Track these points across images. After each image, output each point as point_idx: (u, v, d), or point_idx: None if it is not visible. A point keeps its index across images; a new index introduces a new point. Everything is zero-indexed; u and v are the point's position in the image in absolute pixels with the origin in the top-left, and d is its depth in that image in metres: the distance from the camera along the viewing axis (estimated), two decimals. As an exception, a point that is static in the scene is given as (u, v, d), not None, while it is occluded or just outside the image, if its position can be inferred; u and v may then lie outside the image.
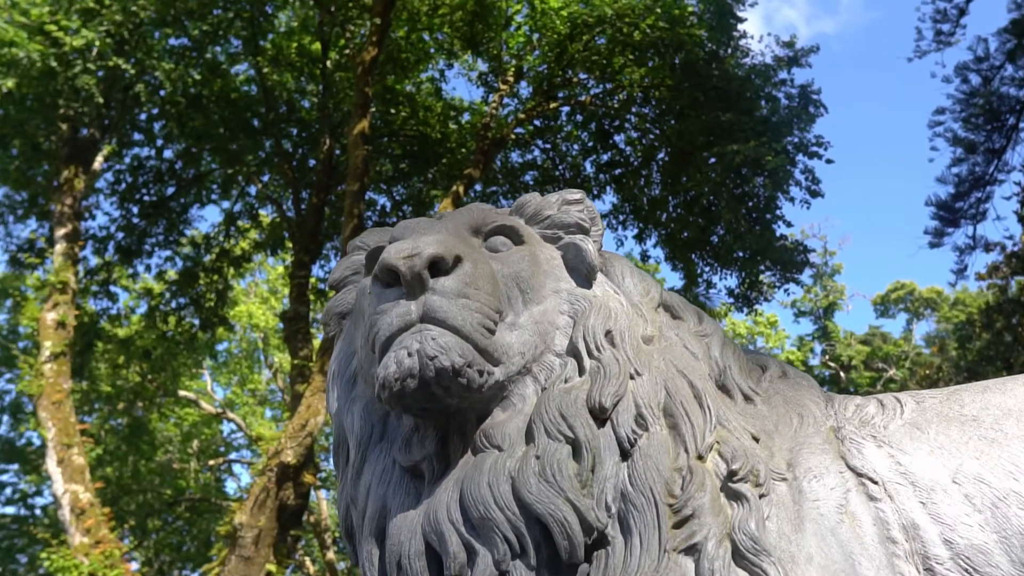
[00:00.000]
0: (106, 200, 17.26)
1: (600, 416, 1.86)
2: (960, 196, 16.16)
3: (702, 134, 14.57)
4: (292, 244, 16.65)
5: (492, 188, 17.57)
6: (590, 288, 2.10)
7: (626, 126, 16.73)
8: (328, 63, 16.10)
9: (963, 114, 16.06)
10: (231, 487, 27.73)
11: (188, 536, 25.06)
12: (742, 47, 15.01)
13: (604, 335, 1.97)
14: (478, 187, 16.77)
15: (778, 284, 15.41)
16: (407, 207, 17.75)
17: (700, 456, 1.86)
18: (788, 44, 15.14)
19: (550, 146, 17.55)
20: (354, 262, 2.29)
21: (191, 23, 14.32)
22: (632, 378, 1.92)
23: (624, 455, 1.83)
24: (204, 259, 17.89)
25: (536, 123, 17.10)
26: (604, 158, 17.03)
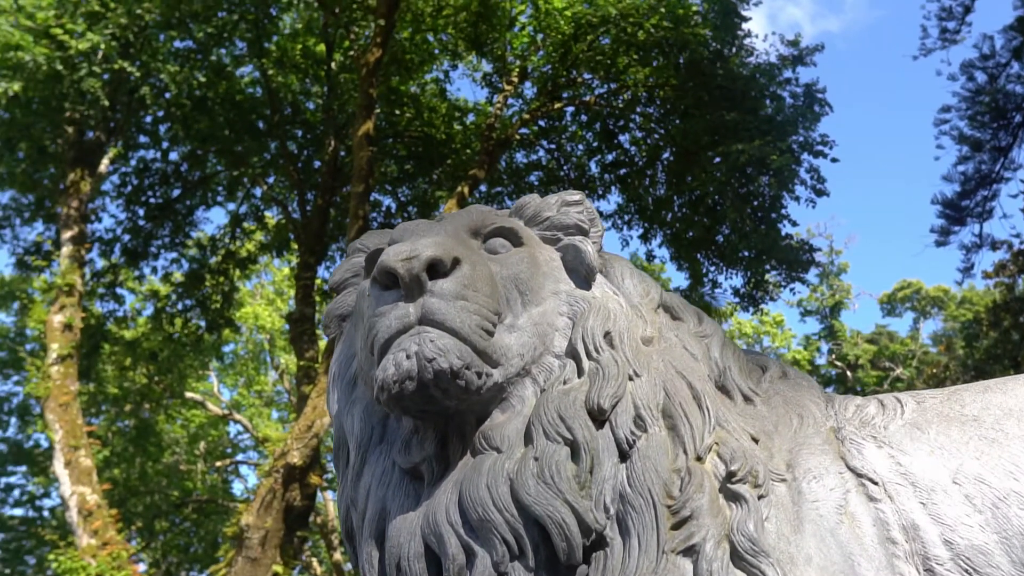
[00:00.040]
0: (112, 202, 17.39)
1: (599, 417, 1.85)
2: (966, 194, 16.08)
3: (707, 134, 14.54)
4: (297, 246, 16.69)
5: (497, 189, 17.56)
6: (589, 289, 2.10)
7: (631, 126, 16.71)
8: (333, 65, 16.12)
9: (969, 112, 15.98)
10: (238, 488, 27.78)
11: (195, 537, 25.11)
12: (746, 46, 14.99)
13: (603, 336, 1.97)
14: (483, 188, 16.78)
15: (784, 283, 15.38)
16: (412, 208, 17.76)
17: (699, 457, 1.85)
18: (793, 43, 15.10)
19: (555, 146, 17.55)
20: (354, 264, 2.30)
21: (196, 25, 14.35)
22: (631, 379, 1.92)
23: (623, 456, 1.83)
24: (210, 261, 17.96)
25: (541, 123, 17.10)
26: (609, 158, 17.01)
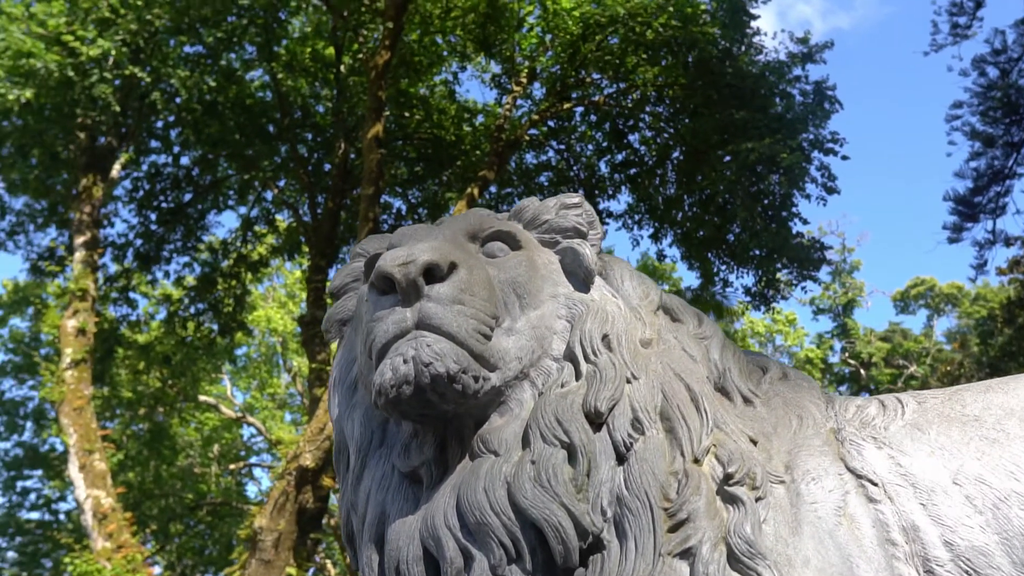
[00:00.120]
0: (124, 207, 17.49)
1: (596, 420, 1.86)
2: (979, 190, 15.96)
3: (716, 132, 14.50)
4: (308, 248, 16.73)
5: (507, 190, 17.56)
6: (588, 292, 2.10)
7: (640, 125, 16.67)
8: (342, 68, 16.17)
9: (981, 107, 15.86)
10: (252, 491, 27.94)
11: (210, 540, 25.20)
12: (756, 44, 14.92)
13: (601, 339, 1.97)
14: (493, 189, 16.79)
15: (795, 282, 15.31)
16: (422, 210, 17.78)
17: (696, 459, 1.85)
18: (802, 40, 15.02)
19: (564, 147, 17.52)
20: (354, 269, 2.31)
21: (206, 30, 14.41)
22: (628, 382, 1.92)
23: (620, 459, 1.83)
24: (222, 264, 18.03)
25: (550, 124, 17.07)
26: (619, 158, 16.98)
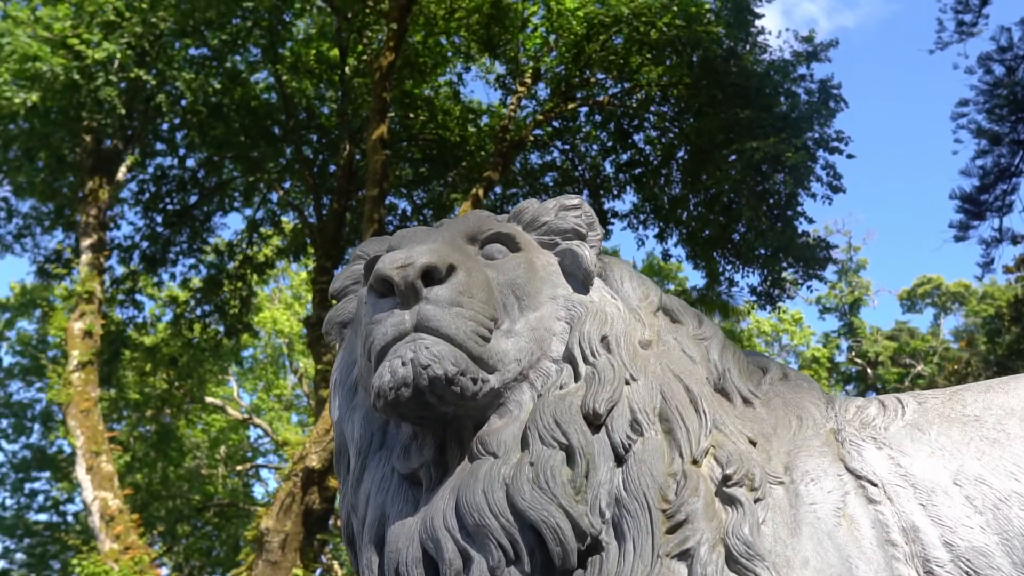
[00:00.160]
0: (130, 210, 17.55)
1: (594, 422, 1.86)
2: (985, 188, 15.91)
3: (721, 132, 14.48)
4: (314, 250, 16.75)
5: (512, 190, 17.55)
6: (587, 294, 2.10)
7: (645, 125, 16.66)
8: (346, 69, 16.18)
9: (987, 105, 15.81)
10: (259, 492, 27.99)
11: (217, 541, 25.26)
12: (760, 43, 14.90)
13: (600, 341, 1.97)
14: (498, 189, 16.79)
15: (801, 281, 15.29)
16: (427, 211, 17.79)
17: (695, 461, 1.85)
18: (807, 39, 15.00)
19: (569, 147, 17.52)
20: (354, 271, 2.31)
21: (210, 33, 14.44)
22: (627, 383, 1.92)
23: (619, 461, 1.83)
24: (228, 266, 18.06)
25: (555, 124, 17.08)
26: (623, 158, 16.97)
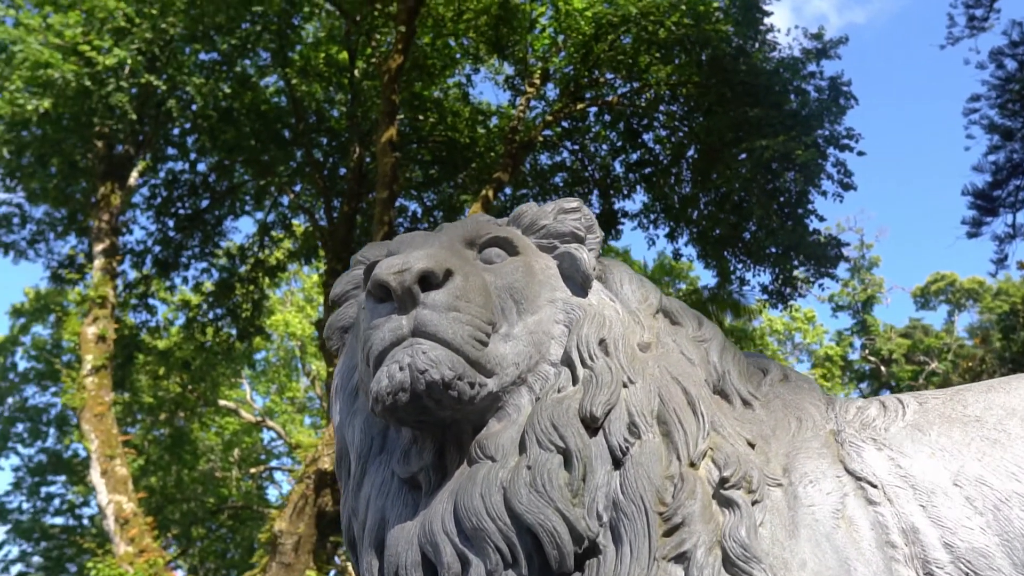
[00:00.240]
0: (142, 215, 17.64)
1: (592, 425, 1.86)
2: (998, 184, 15.82)
3: (731, 130, 14.43)
4: (325, 252, 16.79)
5: (522, 191, 17.54)
6: (586, 297, 2.10)
7: (654, 124, 16.63)
8: (355, 72, 16.22)
9: (999, 100, 15.73)
10: (273, 494, 28.03)
11: (231, 543, 25.36)
12: (769, 41, 14.84)
13: (598, 344, 1.97)
14: (508, 190, 16.78)
15: (812, 279, 15.23)
16: (438, 213, 17.81)
17: (692, 463, 1.85)
18: (816, 36, 14.94)
19: (579, 147, 17.51)
20: (354, 276, 2.32)
21: (220, 38, 14.51)
22: (625, 386, 1.92)
23: (616, 464, 1.83)
24: (240, 270, 18.13)
25: (564, 124, 17.06)
26: (633, 157, 16.94)
